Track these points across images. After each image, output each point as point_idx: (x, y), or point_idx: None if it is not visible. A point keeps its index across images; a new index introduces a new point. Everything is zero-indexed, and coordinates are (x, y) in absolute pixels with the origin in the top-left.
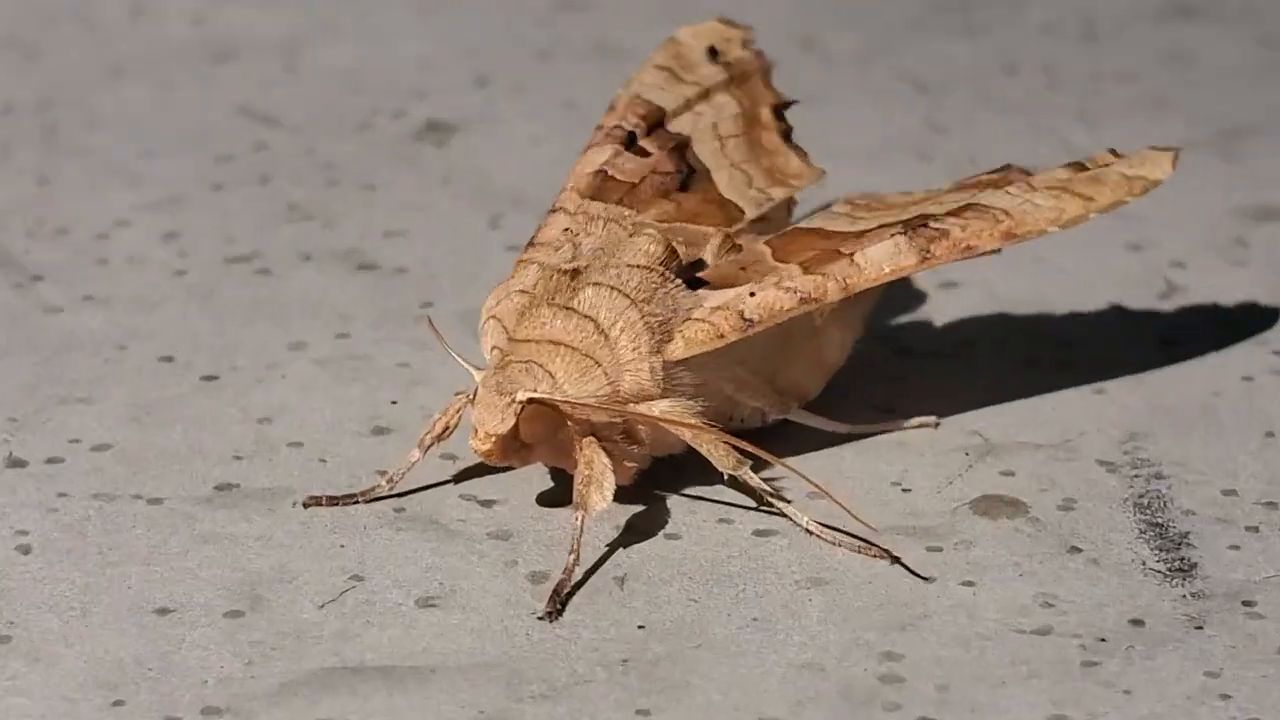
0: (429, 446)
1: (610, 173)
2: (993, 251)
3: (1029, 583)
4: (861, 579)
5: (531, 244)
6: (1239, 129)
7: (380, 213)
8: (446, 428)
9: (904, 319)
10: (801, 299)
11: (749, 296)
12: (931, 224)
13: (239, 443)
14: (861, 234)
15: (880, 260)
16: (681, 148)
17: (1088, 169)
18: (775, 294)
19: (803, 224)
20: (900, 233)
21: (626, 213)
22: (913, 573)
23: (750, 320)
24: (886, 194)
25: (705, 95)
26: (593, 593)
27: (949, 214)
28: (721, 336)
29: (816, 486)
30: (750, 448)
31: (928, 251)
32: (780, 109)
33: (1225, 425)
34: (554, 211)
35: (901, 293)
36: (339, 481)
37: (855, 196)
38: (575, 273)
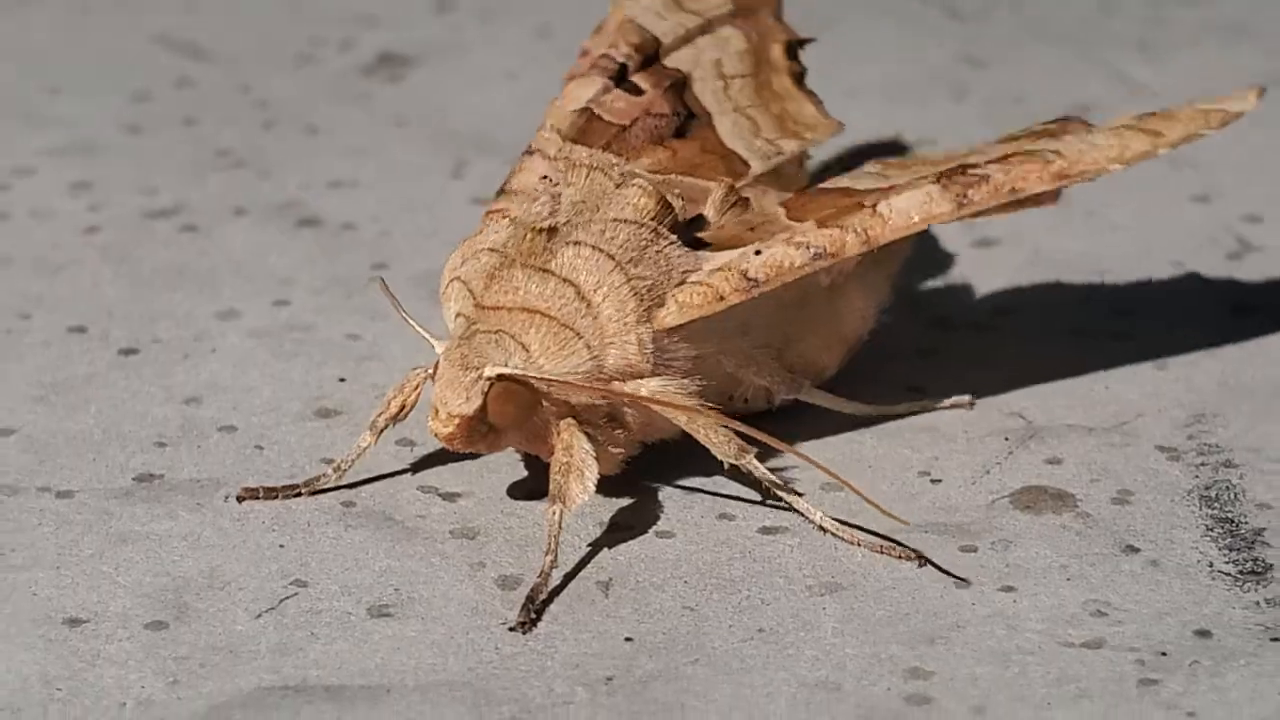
0: (382, 430)
1: (597, 112)
2: (1047, 201)
3: (1078, 588)
4: (884, 584)
5: (503, 191)
6: None
7: (324, 160)
8: (403, 408)
9: (937, 283)
10: (815, 255)
11: (754, 255)
12: (970, 170)
13: (162, 427)
14: (890, 188)
15: (908, 209)
16: (679, 86)
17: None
18: (784, 250)
19: (827, 184)
20: (932, 180)
21: (614, 161)
22: (945, 573)
23: (755, 280)
24: (926, 152)
25: (707, 27)
26: (573, 600)
27: (992, 160)
28: (721, 299)
29: (832, 475)
30: (755, 433)
31: (964, 197)
32: (794, 47)
33: None
34: (530, 154)
35: (934, 253)
36: (278, 471)
37: (889, 160)
38: (552, 231)
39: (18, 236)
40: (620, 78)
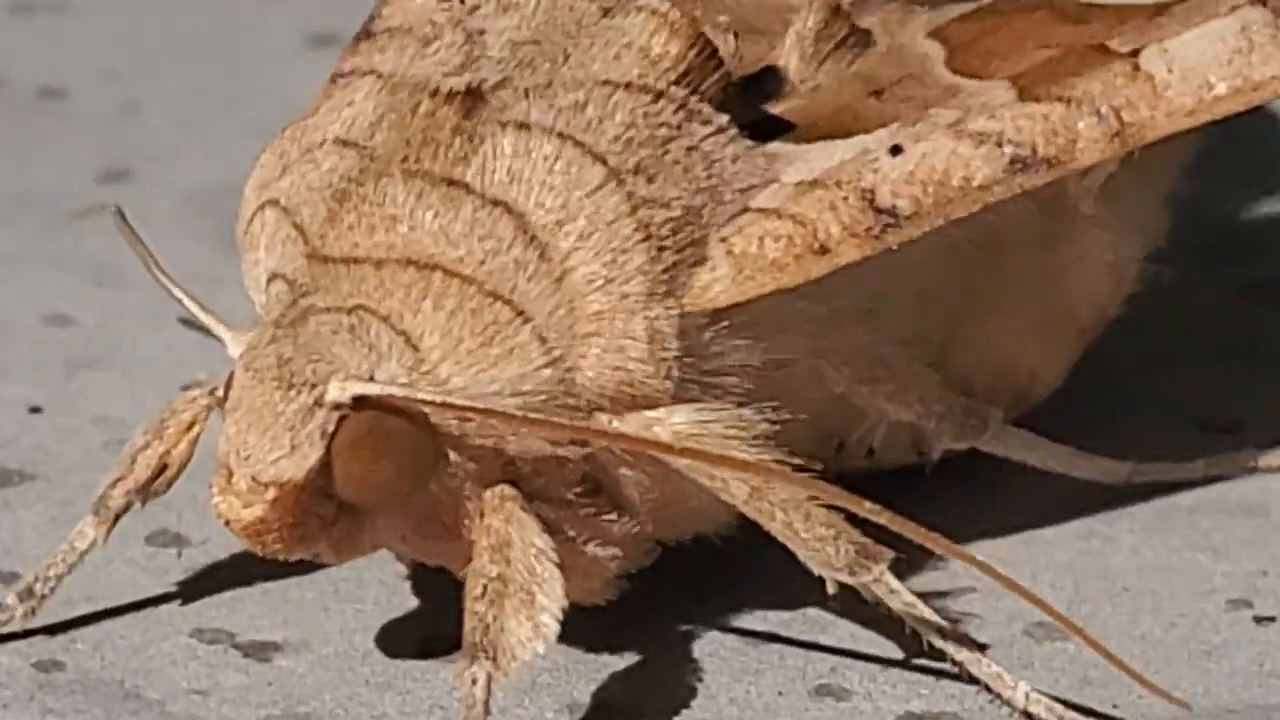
0: (120, 514)
1: None
2: None
3: None
4: None
5: (369, 33)
6: None
7: None
8: (162, 471)
9: (1264, 208)
10: (1013, 161)
11: (888, 156)
12: None
13: None
14: (1162, 6)
15: (1202, 65)
16: None
17: None
18: (951, 148)
19: None
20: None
21: None
22: None
23: (890, 212)
24: None
25: None
26: None
27: None
28: (822, 250)
29: (1051, 613)
30: (898, 524)
31: None
32: None
33: None
34: None
35: (1255, 138)
36: None
37: None
38: (471, 99)
39: None
40: None
